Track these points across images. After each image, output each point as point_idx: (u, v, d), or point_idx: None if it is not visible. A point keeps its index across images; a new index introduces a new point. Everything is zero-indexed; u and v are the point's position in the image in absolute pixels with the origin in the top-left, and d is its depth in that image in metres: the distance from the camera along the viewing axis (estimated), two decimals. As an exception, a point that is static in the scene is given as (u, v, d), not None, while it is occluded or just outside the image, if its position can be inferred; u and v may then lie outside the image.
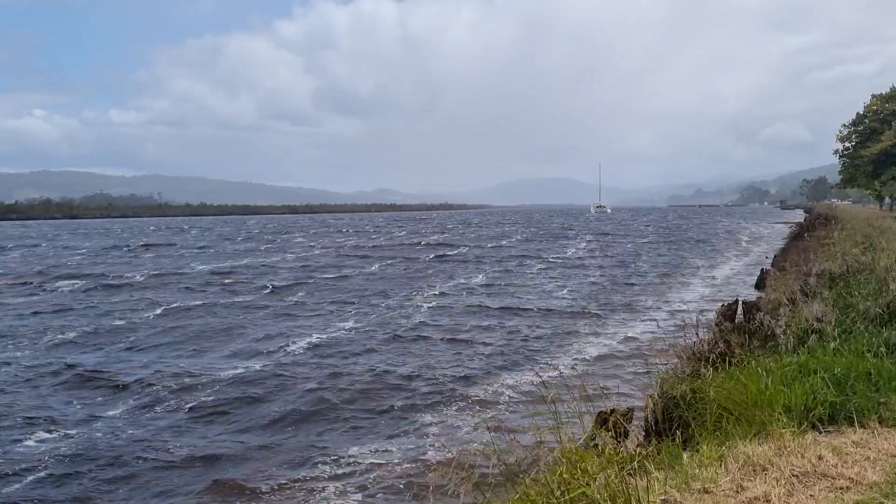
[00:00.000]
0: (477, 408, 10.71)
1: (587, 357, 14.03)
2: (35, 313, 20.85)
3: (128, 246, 54.10)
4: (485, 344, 15.46)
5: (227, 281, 28.87)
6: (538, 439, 4.39)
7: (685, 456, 4.63)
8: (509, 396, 11.34)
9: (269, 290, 25.51)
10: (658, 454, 4.82)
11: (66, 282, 29.09)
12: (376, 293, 24.29)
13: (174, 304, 22.03)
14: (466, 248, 46.75)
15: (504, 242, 53.53)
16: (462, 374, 12.84)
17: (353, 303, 22.02)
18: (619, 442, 5.41)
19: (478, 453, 4.68)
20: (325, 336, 16.44)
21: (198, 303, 22.37)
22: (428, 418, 10.35)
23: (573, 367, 12.86)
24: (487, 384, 12.13)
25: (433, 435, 9.56)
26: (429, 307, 20.79)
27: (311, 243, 56.47)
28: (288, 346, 15.44)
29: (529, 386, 11.79)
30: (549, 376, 12.17)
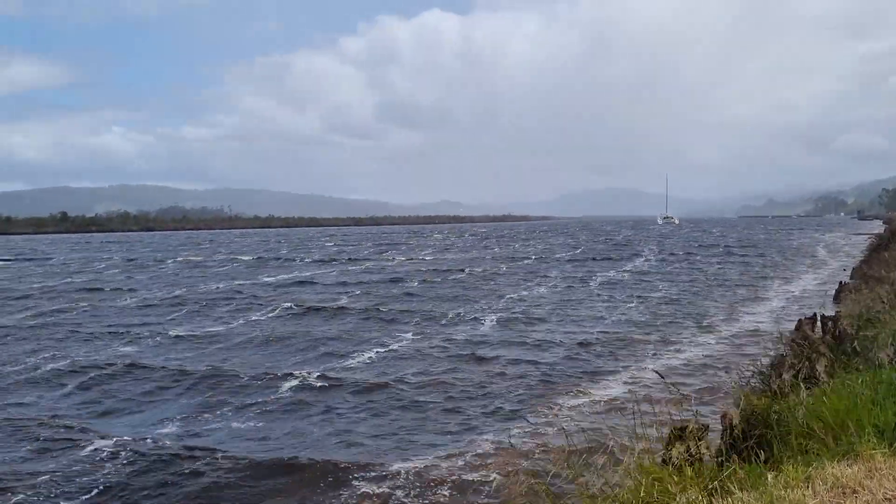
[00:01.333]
0: (551, 417, 10.58)
1: (658, 371, 13.71)
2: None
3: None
4: (557, 354, 15.28)
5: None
6: (614, 453, 4.29)
7: (770, 476, 4.44)
8: (582, 408, 11.17)
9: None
10: (739, 474, 4.65)
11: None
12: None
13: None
14: (533, 259, 46.54)
15: (565, 254, 52.86)
16: (537, 381, 12.77)
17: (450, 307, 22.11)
18: (694, 459, 5.25)
19: (553, 465, 4.60)
20: (396, 347, 16.60)
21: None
22: (502, 425, 10.29)
23: (643, 381, 12.59)
24: (563, 394, 12.00)
25: (507, 442, 9.48)
26: (496, 319, 20.75)
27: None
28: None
29: (601, 398, 11.60)
30: (620, 390, 11.97)
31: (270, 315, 22.41)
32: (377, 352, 16.05)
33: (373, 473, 8.68)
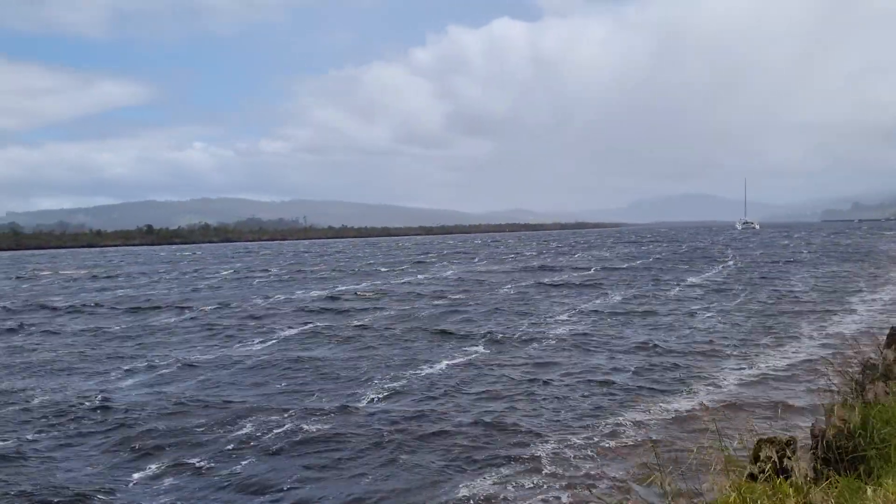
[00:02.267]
0: (631, 430, 10.42)
1: (740, 382, 13.31)
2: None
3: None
4: (633, 364, 15.04)
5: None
6: (701, 466, 4.20)
7: (869, 490, 4.27)
8: (662, 419, 10.96)
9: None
10: (831, 488, 4.49)
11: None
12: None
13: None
14: (600, 268, 45.82)
15: (638, 262, 51.69)
16: (616, 391, 12.62)
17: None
18: (781, 473, 5.09)
19: (638, 478, 4.53)
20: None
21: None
22: (586, 434, 10.21)
23: (724, 393, 12.26)
24: (641, 405, 11.79)
25: (591, 452, 9.41)
26: (572, 325, 20.55)
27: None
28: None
29: (682, 409, 11.35)
30: (704, 401, 11.68)
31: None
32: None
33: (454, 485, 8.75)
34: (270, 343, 19.34)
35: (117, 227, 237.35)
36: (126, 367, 16.62)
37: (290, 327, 21.91)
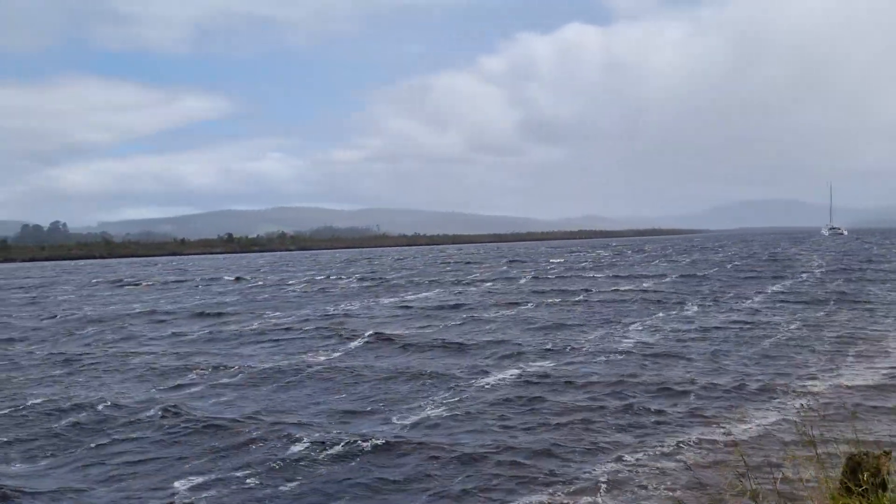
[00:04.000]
0: (720, 442, 10.21)
1: (832, 393, 12.85)
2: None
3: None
4: (707, 376, 14.70)
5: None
6: (795, 481, 4.15)
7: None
8: (752, 431, 10.70)
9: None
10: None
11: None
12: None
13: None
14: (676, 276, 44.60)
15: (715, 270, 50.10)
16: (693, 402, 12.38)
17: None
18: (881, 487, 4.96)
19: (729, 492, 4.51)
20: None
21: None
22: (670, 442, 10.08)
23: (820, 403, 11.85)
24: (727, 415, 11.55)
25: (676, 465, 9.29)
26: (645, 333, 20.18)
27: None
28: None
29: (760, 422, 11.06)
30: (782, 415, 11.38)
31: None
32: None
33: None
34: (337, 354, 19.12)
35: (199, 236, 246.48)
36: (191, 374, 16.91)
37: (355, 338, 21.58)
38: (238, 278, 57.20)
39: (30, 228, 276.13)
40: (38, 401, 14.12)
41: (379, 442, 10.55)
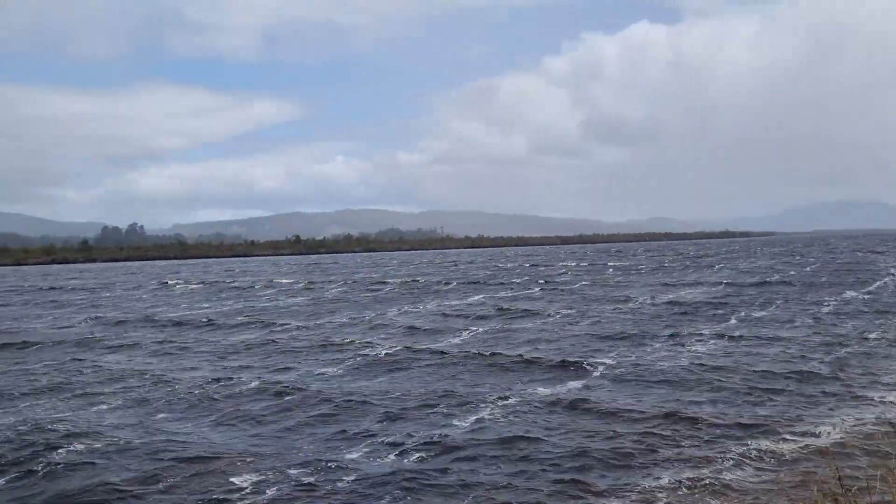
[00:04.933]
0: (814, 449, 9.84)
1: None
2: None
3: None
4: (779, 391, 14.10)
5: None
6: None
7: None
8: (839, 439, 10.27)
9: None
10: None
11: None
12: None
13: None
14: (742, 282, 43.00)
15: (788, 275, 47.85)
16: (761, 414, 11.93)
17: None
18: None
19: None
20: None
21: None
22: (763, 444, 9.77)
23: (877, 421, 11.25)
24: (785, 431, 11.10)
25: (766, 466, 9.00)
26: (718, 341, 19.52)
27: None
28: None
29: (860, 431, 10.59)
30: (875, 421, 10.89)
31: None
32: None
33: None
34: (367, 360, 18.85)
35: (268, 238, 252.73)
36: (251, 374, 17.05)
37: (390, 344, 21.25)
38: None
39: (109, 230, 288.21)
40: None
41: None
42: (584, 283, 45.15)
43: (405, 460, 10.12)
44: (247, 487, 9.20)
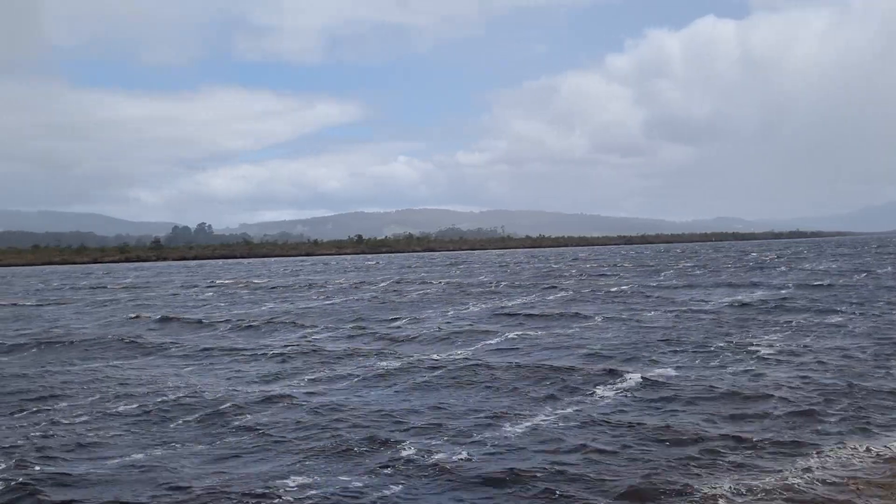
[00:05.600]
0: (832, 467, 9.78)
1: None
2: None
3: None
4: (836, 408, 13.79)
5: None
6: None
7: None
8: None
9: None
10: None
11: None
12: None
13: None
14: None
15: (856, 279, 45.61)
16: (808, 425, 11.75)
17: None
18: None
19: None
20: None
21: None
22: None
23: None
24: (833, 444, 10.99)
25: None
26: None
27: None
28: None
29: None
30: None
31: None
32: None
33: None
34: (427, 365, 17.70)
35: (331, 237, 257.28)
36: (302, 377, 16.39)
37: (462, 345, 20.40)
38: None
39: (179, 230, 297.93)
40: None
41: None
42: (641, 284, 44.30)
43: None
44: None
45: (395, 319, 27.99)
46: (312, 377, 16.32)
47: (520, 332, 22.70)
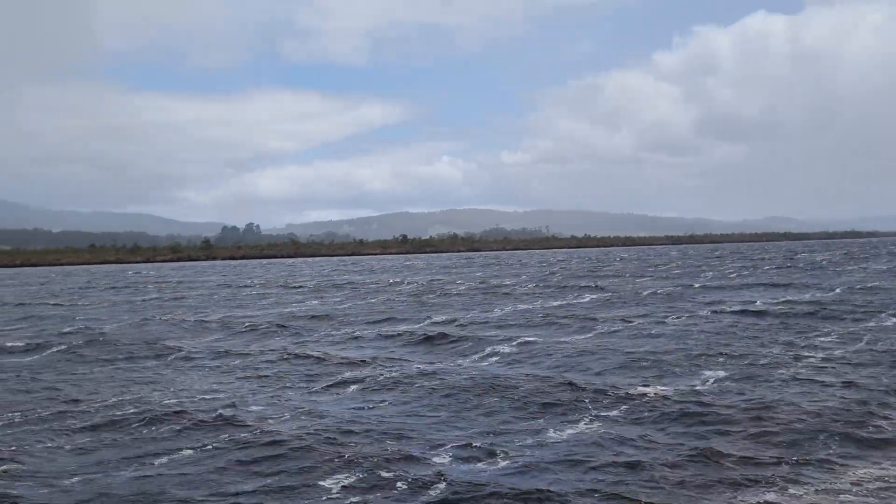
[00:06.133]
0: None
1: None
2: None
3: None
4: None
5: None
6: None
7: None
8: None
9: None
10: None
11: None
12: None
13: None
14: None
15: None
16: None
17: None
18: None
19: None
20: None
21: None
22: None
23: None
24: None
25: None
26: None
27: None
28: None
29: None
30: None
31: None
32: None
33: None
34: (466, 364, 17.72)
35: (376, 237, 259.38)
36: (338, 378, 16.14)
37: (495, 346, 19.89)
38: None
39: (228, 229, 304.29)
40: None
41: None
42: (683, 286, 43.28)
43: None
44: None
45: (426, 318, 27.68)
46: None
47: (542, 336, 21.67)
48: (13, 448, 11.14)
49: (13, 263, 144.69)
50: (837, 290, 34.86)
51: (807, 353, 17.42)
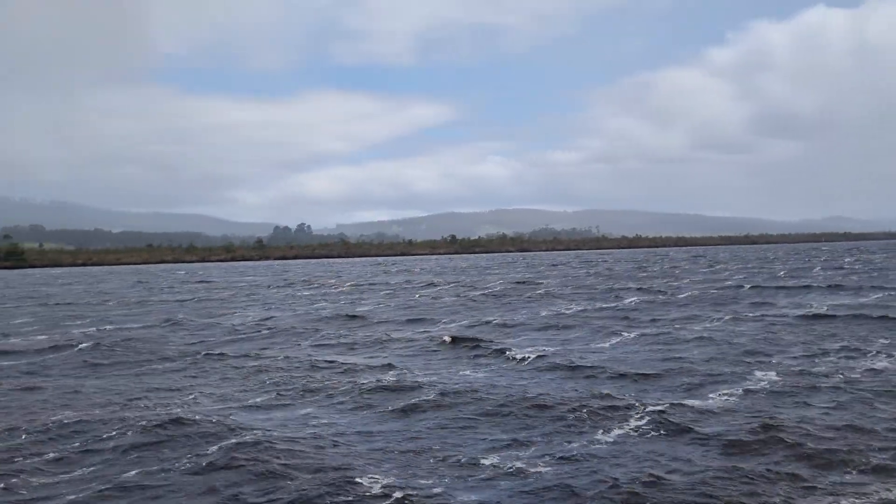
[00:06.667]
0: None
1: None
2: None
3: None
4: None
5: None
6: None
7: None
8: None
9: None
10: None
11: None
12: None
13: None
14: None
15: None
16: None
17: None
18: None
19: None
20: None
21: None
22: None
23: None
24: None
25: None
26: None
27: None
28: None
29: None
30: None
31: None
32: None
33: None
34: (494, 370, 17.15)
35: (424, 237, 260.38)
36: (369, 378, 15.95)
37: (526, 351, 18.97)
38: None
39: (280, 230, 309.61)
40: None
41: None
42: (733, 287, 41.91)
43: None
44: None
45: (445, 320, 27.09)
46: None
47: (578, 341, 20.99)
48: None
49: (76, 262, 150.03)
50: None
51: (859, 363, 16.28)
